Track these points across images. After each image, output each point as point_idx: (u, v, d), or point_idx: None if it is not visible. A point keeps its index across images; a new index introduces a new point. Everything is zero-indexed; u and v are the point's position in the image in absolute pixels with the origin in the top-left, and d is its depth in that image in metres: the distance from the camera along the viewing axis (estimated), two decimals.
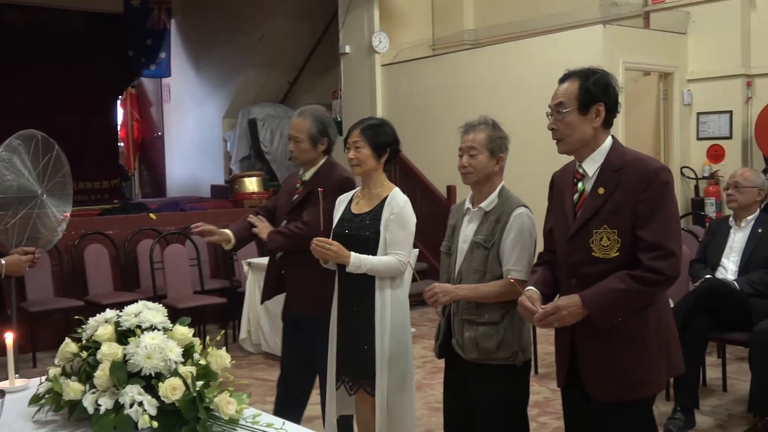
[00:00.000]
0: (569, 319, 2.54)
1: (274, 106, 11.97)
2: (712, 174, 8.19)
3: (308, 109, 3.81)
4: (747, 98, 8.03)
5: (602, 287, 2.51)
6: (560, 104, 2.61)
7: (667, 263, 2.47)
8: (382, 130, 3.39)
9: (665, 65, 8.18)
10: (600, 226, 2.55)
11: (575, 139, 2.61)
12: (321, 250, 3.26)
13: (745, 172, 4.88)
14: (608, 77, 2.64)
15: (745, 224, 4.79)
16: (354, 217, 3.41)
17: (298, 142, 3.73)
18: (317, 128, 3.71)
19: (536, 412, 4.67)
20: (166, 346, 2.17)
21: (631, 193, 2.52)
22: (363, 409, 3.47)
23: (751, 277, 4.55)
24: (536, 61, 7.81)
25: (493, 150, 3.01)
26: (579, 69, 2.66)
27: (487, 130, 3.04)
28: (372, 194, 3.42)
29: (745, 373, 5.02)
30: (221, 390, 2.18)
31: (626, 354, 2.56)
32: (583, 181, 2.64)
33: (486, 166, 3.02)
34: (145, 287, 6.97)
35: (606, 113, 2.61)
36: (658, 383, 2.64)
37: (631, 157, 2.60)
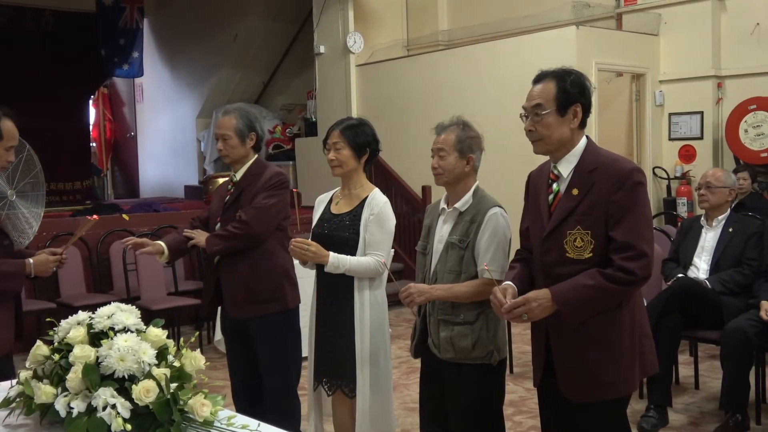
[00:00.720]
0: (539, 312, 2.54)
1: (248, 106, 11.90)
2: (683, 174, 8.28)
3: (232, 107, 3.78)
4: (718, 99, 8.13)
5: (572, 283, 2.52)
6: (538, 105, 2.61)
7: (637, 264, 2.48)
8: (361, 130, 3.38)
9: (637, 66, 8.25)
10: (574, 227, 2.56)
11: (554, 141, 2.62)
12: (299, 251, 3.25)
13: (717, 172, 4.93)
14: (583, 78, 2.65)
15: (716, 224, 4.85)
16: (333, 217, 3.40)
17: (226, 140, 3.68)
18: (244, 123, 3.67)
19: (511, 411, 4.69)
20: (140, 348, 2.15)
21: (604, 194, 2.53)
22: (340, 410, 3.47)
23: (722, 276, 4.61)
24: (510, 62, 7.85)
25: (462, 151, 3.02)
26: (554, 69, 2.66)
27: (456, 131, 3.04)
28: (352, 194, 3.41)
29: (716, 371, 5.08)
30: (196, 392, 2.16)
31: (600, 355, 2.57)
32: (557, 182, 2.65)
33: (455, 167, 3.03)
34: (118, 289, 6.91)
35: (582, 114, 2.62)
36: (631, 384, 2.65)
37: (605, 157, 2.62)
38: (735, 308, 4.45)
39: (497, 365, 3.00)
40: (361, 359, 3.29)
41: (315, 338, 3.44)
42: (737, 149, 7.77)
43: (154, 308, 6.17)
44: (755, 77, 7.84)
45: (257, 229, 3.56)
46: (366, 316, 3.30)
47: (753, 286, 4.51)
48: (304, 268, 3.44)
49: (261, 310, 3.57)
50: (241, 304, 3.63)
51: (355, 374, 3.30)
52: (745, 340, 4.20)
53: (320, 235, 3.37)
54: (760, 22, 7.75)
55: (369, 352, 3.30)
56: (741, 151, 7.73)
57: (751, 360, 4.30)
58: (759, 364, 4.43)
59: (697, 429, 4.44)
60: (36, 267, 3.28)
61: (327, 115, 9.66)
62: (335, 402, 3.47)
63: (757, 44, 7.83)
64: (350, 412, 3.44)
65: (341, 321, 3.32)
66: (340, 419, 3.50)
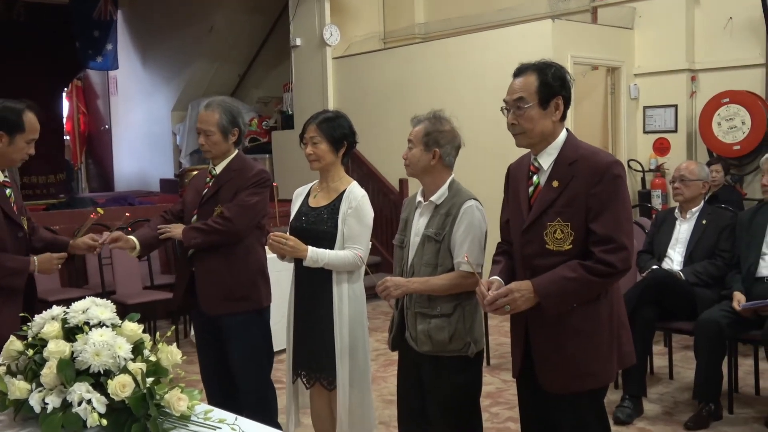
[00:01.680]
0: (521, 303, 2.55)
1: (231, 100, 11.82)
2: (658, 167, 8.35)
3: (215, 101, 3.72)
4: (691, 93, 8.20)
5: (554, 275, 2.54)
6: (520, 99, 2.61)
7: (617, 256, 2.50)
8: (338, 124, 3.36)
9: (612, 60, 8.31)
10: (554, 218, 2.57)
11: (536, 134, 2.62)
12: (278, 246, 3.24)
13: (690, 165, 4.98)
14: (564, 70, 2.66)
15: (690, 216, 4.89)
16: (311, 210, 3.39)
17: (208, 135, 3.62)
18: (227, 119, 3.62)
19: (488, 403, 4.72)
20: (115, 343, 2.13)
21: (584, 186, 2.54)
22: (318, 403, 3.47)
23: (695, 268, 4.66)
24: (486, 55, 7.87)
25: (427, 144, 3.02)
26: (534, 62, 2.67)
27: (426, 125, 3.05)
28: (330, 188, 3.40)
29: (690, 361, 5.14)
30: (172, 386, 2.15)
31: (579, 346, 2.59)
32: (538, 174, 2.66)
33: (420, 159, 3.03)
34: (93, 283, 6.85)
35: (563, 106, 2.63)
36: (609, 375, 2.68)
37: (585, 150, 2.63)
38: (708, 299, 4.50)
39: (474, 357, 3.01)
40: (341, 352, 3.29)
41: (293, 331, 3.43)
42: (710, 142, 7.85)
43: (129, 302, 6.13)
44: (728, 71, 7.92)
45: (239, 226, 3.54)
46: (345, 309, 3.30)
47: (726, 278, 4.56)
48: (282, 262, 3.42)
49: (235, 308, 3.54)
50: (214, 300, 3.58)
51: (334, 367, 3.30)
52: (718, 330, 4.25)
53: (298, 228, 3.36)
54: (733, 16, 7.82)
55: (348, 344, 3.30)
56: (714, 144, 7.81)
57: (724, 350, 4.35)
58: (732, 354, 4.49)
59: (671, 418, 4.49)
60: (40, 265, 3.28)
61: (303, 108, 9.63)
62: (313, 395, 3.47)
63: (730, 38, 7.90)
64: (328, 404, 3.44)
65: (319, 314, 3.32)
66: (317, 412, 3.50)
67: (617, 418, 4.41)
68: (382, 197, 8.68)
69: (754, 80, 7.77)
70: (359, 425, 3.37)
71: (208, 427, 2.10)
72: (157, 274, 7.20)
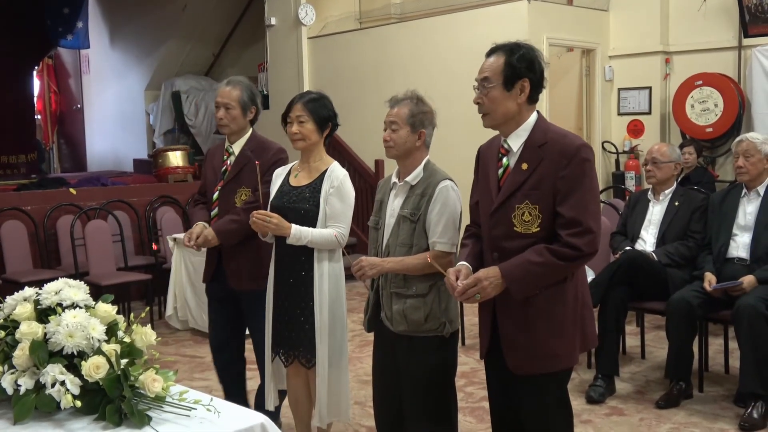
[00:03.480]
0: (491, 291, 2.57)
1: (198, 78, 11.73)
2: (632, 149, 8.42)
3: (236, 79, 3.81)
4: (665, 75, 8.26)
5: (521, 259, 2.55)
6: (486, 79, 2.62)
7: (584, 240, 2.51)
8: (324, 104, 3.39)
9: (588, 42, 8.34)
10: (522, 201, 2.58)
11: (499, 114, 2.63)
12: (261, 223, 3.24)
13: (662, 147, 5.01)
14: (534, 53, 2.66)
15: (663, 197, 4.94)
16: (293, 189, 3.40)
17: (228, 109, 3.71)
18: (247, 95, 3.73)
19: (463, 383, 4.76)
20: (89, 324, 2.12)
21: (552, 169, 2.55)
22: (294, 382, 3.48)
23: (668, 249, 4.71)
24: (462, 36, 7.86)
25: (414, 125, 3.03)
26: (506, 43, 2.67)
27: (410, 105, 3.05)
28: (311, 167, 3.41)
29: (662, 341, 5.22)
30: (147, 368, 2.15)
31: (544, 328, 2.61)
32: (507, 156, 2.67)
33: (406, 141, 3.04)
34: (66, 264, 6.79)
35: (531, 89, 2.63)
36: (572, 357, 2.69)
37: (554, 133, 2.64)
38: (680, 280, 4.56)
39: (449, 337, 3.03)
40: (320, 330, 3.31)
41: (272, 309, 3.44)
42: (684, 124, 7.92)
43: (103, 284, 6.08)
44: (702, 53, 7.99)
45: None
46: (325, 287, 3.32)
47: (697, 259, 4.62)
48: (264, 240, 3.43)
49: (258, 285, 3.58)
50: (241, 277, 3.70)
51: (313, 345, 3.32)
52: (689, 310, 4.31)
53: (279, 207, 3.36)
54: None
55: (327, 323, 3.32)
56: (687, 126, 7.88)
57: (695, 330, 4.41)
58: (702, 333, 4.55)
59: (643, 397, 4.56)
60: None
61: (279, 88, 9.57)
62: (290, 374, 3.49)
63: (704, 21, 7.96)
64: (305, 384, 3.47)
65: (300, 292, 3.33)
66: (294, 391, 3.51)
67: (590, 397, 4.47)
68: (358, 178, 8.66)
69: (727, 63, 7.85)
70: (336, 405, 3.40)
71: (184, 408, 2.10)
72: (131, 255, 7.15)
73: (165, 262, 7.02)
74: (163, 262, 7.10)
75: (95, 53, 12.46)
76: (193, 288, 6.19)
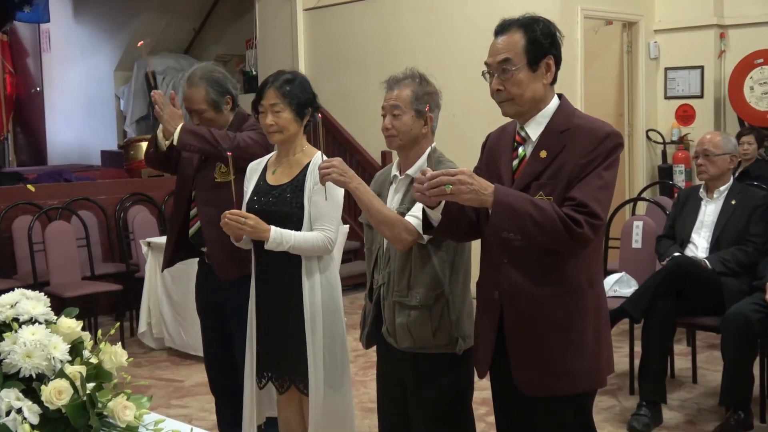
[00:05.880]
0: (466, 191, 2.44)
1: (176, 57, 11.76)
2: (681, 138, 8.40)
3: (195, 74, 3.80)
4: (720, 52, 8.24)
5: (522, 194, 2.54)
6: (506, 61, 2.60)
7: (587, 218, 2.47)
8: (301, 86, 3.35)
9: (629, 14, 8.32)
10: (536, 193, 2.57)
11: (526, 100, 2.62)
12: (235, 225, 3.20)
13: (714, 137, 4.99)
14: (553, 26, 2.66)
15: (718, 195, 4.93)
16: (271, 189, 3.38)
17: (201, 113, 3.77)
18: (215, 90, 3.76)
19: (484, 411, 4.73)
20: (50, 343, 2.12)
21: (575, 156, 2.55)
22: (287, 411, 3.48)
23: (723, 255, 4.70)
24: (483, 9, 7.84)
25: (419, 109, 3.01)
26: (518, 18, 2.66)
27: (413, 86, 3.02)
28: (291, 161, 3.39)
29: (716, 363, 5.20)
30: (117, 393, 2.15)
31: (558, 340, 2.61)
32: (524, 146, 2.67)
33: (412, 127, 3.01)
34: (23, 273, 6.82)
35: (555, 67, 2.64)
36: (595, 377, 2.68)
37: (580, 118, 2.64)
38: (737, 291, 4.55)
39: (463, 355, 3.01)
40: (314, 351, 3.29)
41: (256, 328, 3.42)
42: (741, 109, 7.90)
43: (66, 295, 6.10)
44: (762, 27, 7.96)
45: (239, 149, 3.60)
46: (317, 301, 3.30)
47: (757, 266, 4.61)
48: (238, 245, 3.40)
49: (245, 270, 3.56)
50: (228, 263, 3.72)
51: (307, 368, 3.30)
52: (748, 326, 4.30)
53: (255, 211, 3.32)
54: None
55: (322, 341, 3.30)
56: (746, 112, 7.86)
57: (754, 350, 4.41)
58: (764, 354, 4.54)
59: (695, 428, 4.55)
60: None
61: (269, 68, 9.52)
62: (281, 401, 3.48)
63: None
64: (299, 411, 3.47)
65: (286, 307, 3.31)
66: (286, 421, 3.51)
67: (633, 428, 4.46)
68: (361, 172, 8.66)
69: None
70: None
71: None
72: (98, 262, 7.18)
73: (138, 271, 7.04)
74: (135, 270, 7.12)
75: (57, 28, 12.50)
76: (170, 301, 6.20)
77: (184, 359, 6.13)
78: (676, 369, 5.40)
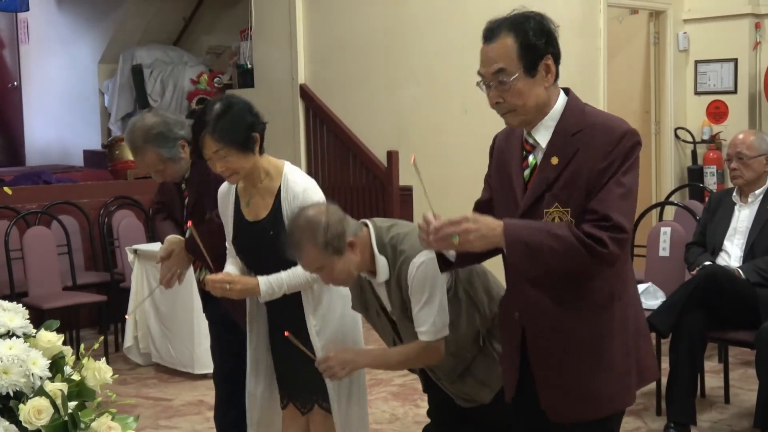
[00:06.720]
0: (475, 238, 2.47)
1: (165, 48, 11.76)
2: (712, 137, 8.38)
3: (136, 136, 3.78)
4: (755, 43, 8.23)
5: (533, 222, 2.54)
6: (501, 71, 2.56)
7: (610, 235, 2.47)
8: (237, 118, 3.26)
9: (656, 1, 8.32)
10: (551, 204, 2.57)
11: (530, 108, 2.59)
12: (221, 290, 3.28)
13: (748, 138, 4.97)
14: (545, 20, 2.60)
15: (752, 199, 4.92)
16: (251, 226, 3.42)
17: (161, 172, 3.82)
18: (166, 149, 3.76)
19: None
20: (28, 358, 2.13)
21: (590, 160, 2.53)
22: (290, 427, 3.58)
23: (758, 264, 4.69)
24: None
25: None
26: (506, 18, 2.61)
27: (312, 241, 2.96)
28: (261, 190, 3.40)
29: (751, 381, 5.20)
30: (101, 412, 2.16)
31: (586, 361, 2.62)
32: (534, 153, 2.66)
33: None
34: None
35: (555, 66, 2.60)
36: (624, 396, 2.70)
37: (592, 116, 2.62)
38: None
39: None
40: None
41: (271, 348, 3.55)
42: None
43: (46, 307, 6.12)
44: None
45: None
46: (327, 332, 3.38)
47: None
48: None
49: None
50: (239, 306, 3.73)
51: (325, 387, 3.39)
52: None
53: (247, 249, 3.43)
54: None
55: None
56: None
57: None
58: None
59: None
60: None
61: (265, 61, 9.59)
62: (287, 417, 3.57)
63: None
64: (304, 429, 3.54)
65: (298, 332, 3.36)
66: None
67: None
68: (365, 175, 8.65)
69: None
70: None
71: None
72: (81, 270, 7.18)
73: (123, 280, 7.05)
74: (121, 280, 7.13)
75: (36, 17, 12.53)
76: (158, 313, 6.21)
77: (172, 376, 6.14)
78: (707, 388, 5.39)
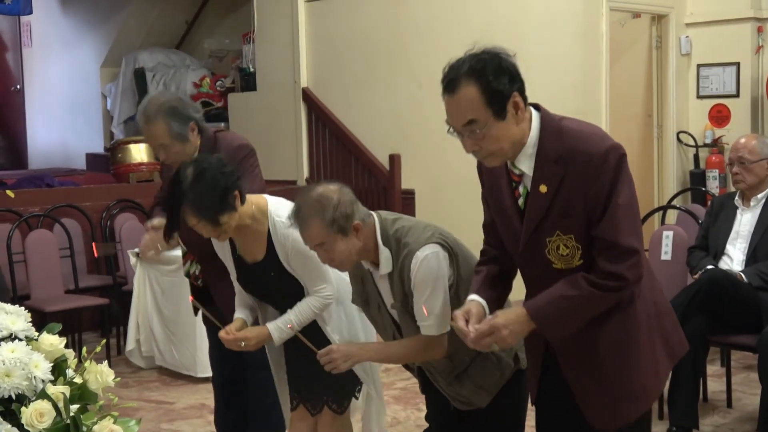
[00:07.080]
0: (512, 340, 2.59)
1: (167, 52, 11.78)
2: (715, 141, 8.37)
3: (150, 109, 3.78)
4: (758, 47, 8.22)
5: (551, 295, 2.57)
6: (472, 122, 2.51)
7: (626, 265, 2.51)
8: (210, 187, 3.21)
9: (658, 5, 8.31)
10: (552, 232, 2.58)
11: (507, 147, 2.56)
12: (236, 346, 3.38)
13: (749, 142, 4.97)
14: (498, 54, 2.56)
15: (755, 203, 4.92)
16: (252, 268, 3.48)
17: (166, 147, 3.78)
18: (177, 121, 3.75)
19: None
20: (31, 361, 2.13)
21: (579, 186, 2.53)
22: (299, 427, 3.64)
23: (760, 268, 4.69)
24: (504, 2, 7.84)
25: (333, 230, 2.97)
26: (462, 65, 2.57)
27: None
28: (250, 234, 3.42)
29: (753, 386, 5.19)
30: (103, 415, 2.16)
31: (620, 361, 2.64)
32: (523, 181, 2.65)
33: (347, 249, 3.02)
34: None
35: (521, 99, 2.56)
36: (658, 383, 2.77)
37: (570, 137, 2.57)
38: None
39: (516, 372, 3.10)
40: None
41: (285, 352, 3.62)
42: None
43: (48, 310, 6.13)
44: None
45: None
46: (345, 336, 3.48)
47: None
48: None
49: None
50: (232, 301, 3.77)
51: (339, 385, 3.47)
52: None
53: (252, 290, 3.52)
54: None
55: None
56: None
57: None
58: None
59: None
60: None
61: (269, 64, 9.60)
62: (295, 418, 3.63)
63: None
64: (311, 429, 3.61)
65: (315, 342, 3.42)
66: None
67: None
68: (368, 178, 8.66)
69: None
70: None
71: None
72: (83, 274, 7.19)
73: (126, 284, 7.04)
74: (123, 283, 7.12)
75: (39, 21, 12.55)
76: (160, 316, 6.20)
77: (175, 379, 6.14)
78: (710, 392, 5.38)
